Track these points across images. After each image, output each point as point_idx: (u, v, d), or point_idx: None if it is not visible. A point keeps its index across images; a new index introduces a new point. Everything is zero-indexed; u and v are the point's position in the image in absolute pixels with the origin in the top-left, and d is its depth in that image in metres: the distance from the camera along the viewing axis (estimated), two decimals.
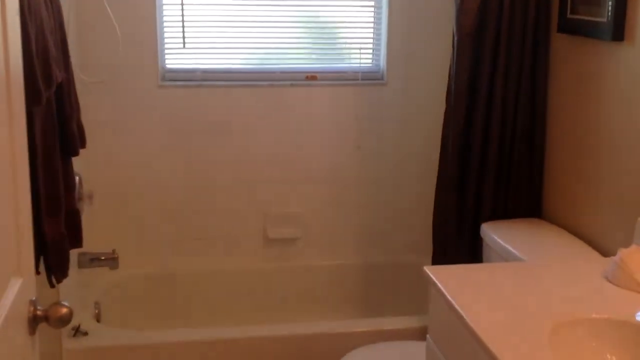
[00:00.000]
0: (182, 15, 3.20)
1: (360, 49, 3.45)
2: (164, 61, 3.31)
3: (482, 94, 2.70)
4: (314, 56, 3.47)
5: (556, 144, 2.70)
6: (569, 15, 2.49)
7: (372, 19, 3.41)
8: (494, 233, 2.59)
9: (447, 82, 3.30)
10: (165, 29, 3.27)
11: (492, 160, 2.73)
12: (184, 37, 3.24)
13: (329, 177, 3.48)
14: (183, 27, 3.22)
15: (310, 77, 3.41)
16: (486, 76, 2.69)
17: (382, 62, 3.44)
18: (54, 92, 1.99)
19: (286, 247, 3.52)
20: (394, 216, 3.57)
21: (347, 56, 3.48)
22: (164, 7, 3.24)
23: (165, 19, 3.26)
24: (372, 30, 3.43)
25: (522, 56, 2.66)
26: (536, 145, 2.73)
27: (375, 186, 3.52)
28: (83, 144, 2.30)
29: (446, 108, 2.83)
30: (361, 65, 3.45)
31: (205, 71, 3.35)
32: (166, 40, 3.29)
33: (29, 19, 1.72)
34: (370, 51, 3.47)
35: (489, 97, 2.71)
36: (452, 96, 2.77)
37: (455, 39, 2.70)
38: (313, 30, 3.45)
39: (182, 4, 3.19)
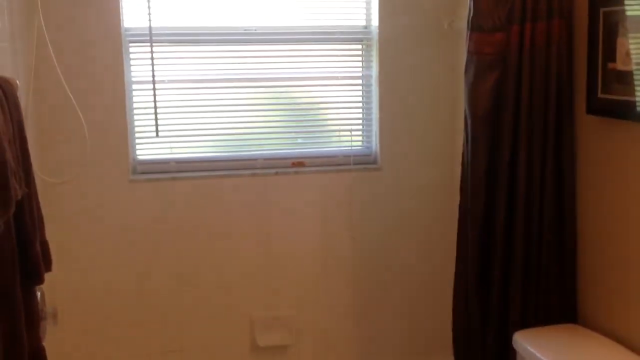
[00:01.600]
0: (155, 101, 2.87)
1: (351, 130, 3.16)
2: (135, 152, 2.96)
3: (502, 184, 2.41)
4: (299, 140, 3.16)
5: (589, 239, 2.40)
6: (600, 95, 2.23)
7: (360, 97, 3.13)
8: (529, 344, 2.26)
9: (449, 166, 3.07)
10: (135, 117, 2.93)
11: (517, 261, 2.41)
12: (156, 125, 2.90)
13: (322, 273, 3.12)
14: (156, 113, 2.88)
15: (297, 164, 3.09)
16: (505, 164, 2.40)
17: (375, 144, 3.14)
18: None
19: (277, 356, 3.12)
20: (398, 318, 3.21)
21: (336, 139, 3.17)
22: (134, 92, 2.91)
23: (135, 105, 2.92)
24: (361, 109, 3.14)
25: (545, 141, 2.38)
26: (566, 243, 2.42)
27: (375, 283, 3.18)
28: (48, 267, 1.91)
29: (461, 201, 2.53)
30: (352, 148, 3.15)
31: (179, 161, 3.01)
32: (137, 129, 2.94)
33: None
34: (361, 132, 3.17)
35: (511, 189, 2.41)
36: (467, 187, 2.47)
37: (469, 122, 2.42)
38: (297, 112, 3.15)
39: (153, 89, 2.86)
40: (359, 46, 3.08)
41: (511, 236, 2.43)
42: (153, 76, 2.85)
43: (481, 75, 2.38)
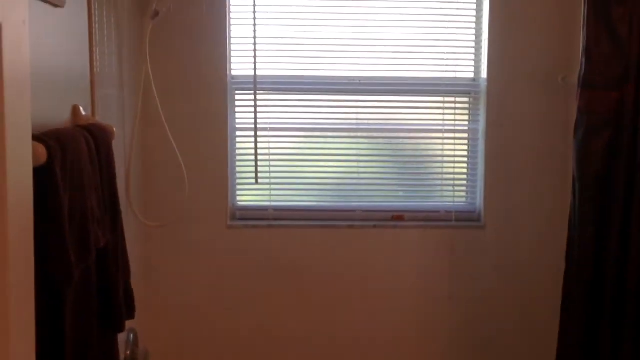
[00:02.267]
0: (256, 148, 2.88)
1: (454, 184, 3.03)
2: (235, 198, 2.97)
3: (612, 254, 2.21)
4: (400, 193, 3.07)
5: None
6: None
7: (466, 152, 3.01)
8: None
9: (559, 228, 2.87)
10: (237, 164, 2.96)
11: (628, 341, 2.19)
12: (256, 172, 2.90)
13: (418, 333, 2.99)
14: (256, 161, 2.89)
15: (397, 217, 3.00)
16: (616, 232, 2.20)
17: (479, 201, 3.00)
18: (95, 256, 1.62)
19: None
20: None
21: (438, 193, 3.06)
22: (237, 139, 2.94)
23: (237, 152, 2.95)
24: (466, 163, 3.02)
25: None
26: None
27: (470, 348, 3.00)
28: (131, 314, 1.92)
29: (567, 266, 2.34)
30: (455, 203, 3.02)
31: (278, 209, 2.99)
32: (237, 175, 2.97)
33: (62, 178, 1.39)
34: (465, 188, 3.04)
35: (621, 260, 2.20)
36: (573, 254, 2.29)
37: (577, 185, 2.25)
38: (400, 164, 3.06)
39: (255, 136, 2.87)
40: (466, 99, 2.97)
41: (621, 314, 2.21)
42: (255, 123, 2.87)
43: (592, 136, 2.22)
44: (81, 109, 1.85)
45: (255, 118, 2.87)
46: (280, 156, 2.97)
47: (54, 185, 1.36)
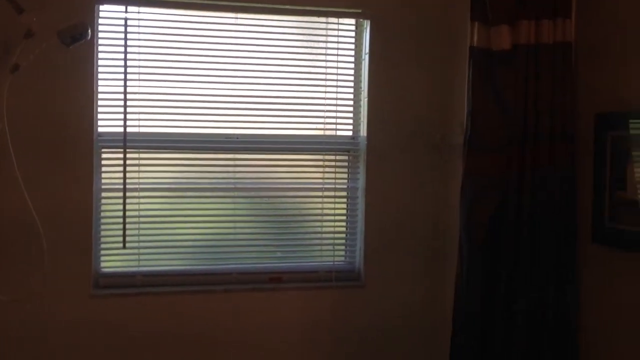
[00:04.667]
0: (124, 210, 2.65)
1: (334, 244, 2.96)
2: (99, 264, 2.71)
3: (498, 318, 2.21)
4: (278, 254, 2.94)
5: None
6: (607, 224, 2.08)
7: (345, 210, 2.95)
8: None
9: (439, 286, 2.88)
10: (102, 227, 2.70)
11: None
12: (124, 236, 2.66)
13: None
14: (124, 223, 2.66)
15: (275, 279, 2.87)
16: (502, 295, 2.21)
17: (358, 260, 2.94)
18: None
19: None
20: None
21: (317, 253, 2.96)
22: (102, 200, 2.69)
23: (103, 214, 2.69)
24: (345, 222, 2.95)
25: (547, 275, 2.20)
26: None
27: None
28: None
29: (453, 334, 2.31)
30: (335, 263, 2.94)
31: (147, 274, 2.77)
32: (102, 240, 2.71)
33: None
34: (344, 247, 2.97)
35: (509, 325, 2.21)
36: (460, 319, 2.26)
37: (464, 249, 2.24)
38: (277, 223, 2.94)
39: (124, 197, 2.65)
40: (346, 157, 2.92)
41: None
42: (124, 183, 2.64)
43: (479, 198, 2.23)
44: None
45: (124, 177, 2.65)
46: (151, 218, 2.76)
47: None
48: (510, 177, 2.20)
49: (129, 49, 2.64)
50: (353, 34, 2.89)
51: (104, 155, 2.68)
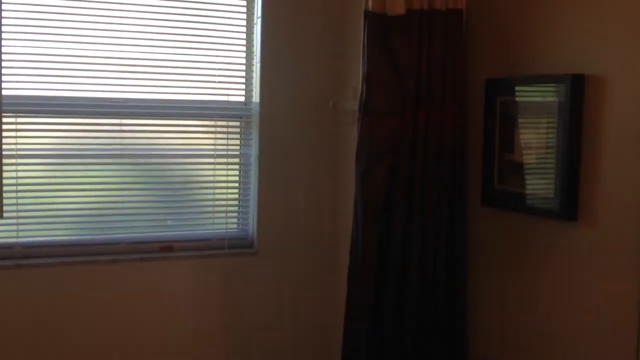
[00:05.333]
0: (0, 178, 2.47)
1: (227, 211, 2.90)
2: None
3: (392, 277, 2.26)
4: (169, 222, 2.85)
5: (480, 331, 2.30)
6: (496, 186, 2.15)
7: (237, 177, 2.90)
8: None
9: (333, 251, 2.90)
10: None
11: (408, 350, 2.26)
12: (1, 205, 2.49)
13: None
14: (0, 192, 2.48)
15: (165, 248, 2.79)
16: (397, 257, 2.25)
17: (252, 227, 2.91)
18: None
19: None
20: None
21: (209, 221, 2.90)
22: None
23: None
24: (237, 189, 2.91)
25: (438, 233, 2.26)
26: (456, 342, 2.31)
27: None
28: None
29: (348, 291, 2.34)
30: (227, 230, 2.89)
31: (27, 246, 2.61)
32: None
33: None
34: (237, 214, 2.93)
35: (401, 281, 2.26)
36: (356, 278, 2.29)
37: (359, 210, 2.26)
38: (167, 191, 2.85)
39: (0, 164, 2.47)
40: (238, 123, 2.87)
41: (401, 330, 2.27)
42: (0, 149, 2.46)
43: (374, 161, 2.24)
44: None
45: (0, 143, 2.46)
46: (31, 186, 2.60)
47: None
48: (403, 141, 2.23)
49: (4, 5, 2.44)
50: None
51: None
